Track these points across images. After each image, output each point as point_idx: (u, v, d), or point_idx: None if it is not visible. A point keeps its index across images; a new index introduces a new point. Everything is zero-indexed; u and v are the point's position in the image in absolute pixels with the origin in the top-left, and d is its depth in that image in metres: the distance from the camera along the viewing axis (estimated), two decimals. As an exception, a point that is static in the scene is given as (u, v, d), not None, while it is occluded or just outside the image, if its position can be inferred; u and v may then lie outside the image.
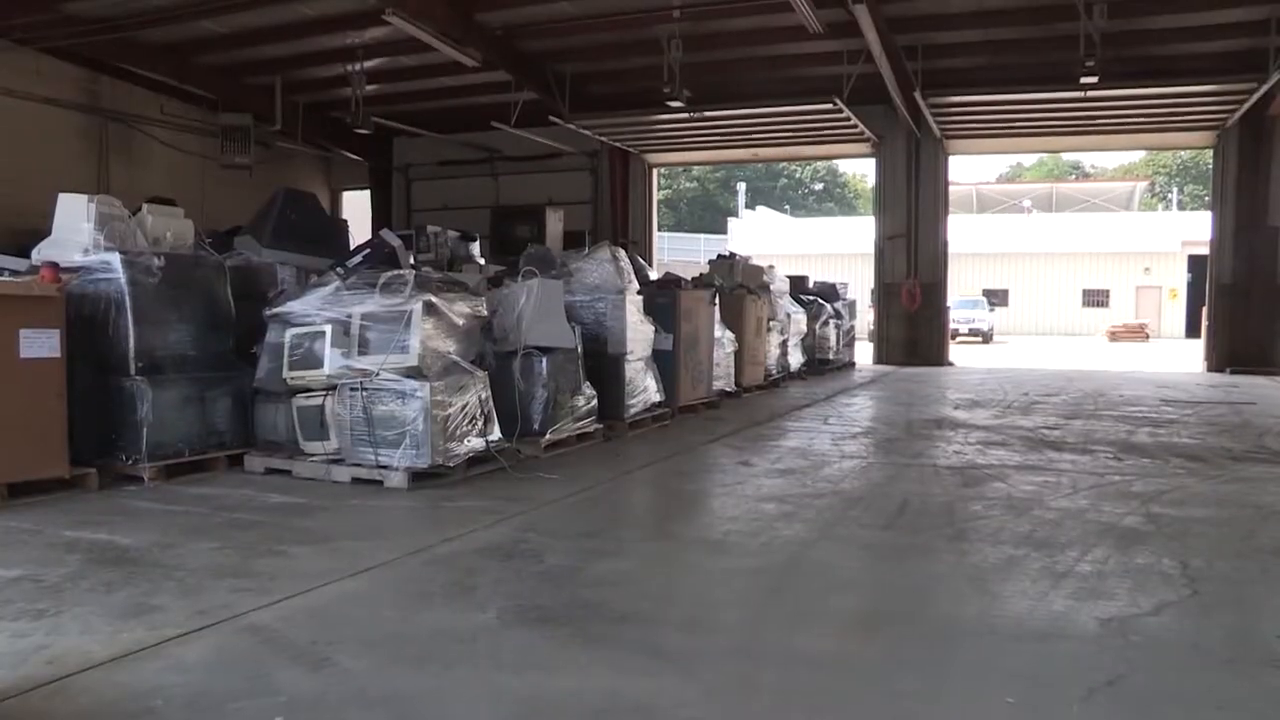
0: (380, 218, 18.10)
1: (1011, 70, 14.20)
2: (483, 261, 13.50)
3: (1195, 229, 32.30)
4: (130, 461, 6.68)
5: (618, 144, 17.39)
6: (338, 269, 7.61)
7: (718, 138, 17.26)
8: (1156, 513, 5.83)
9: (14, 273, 7.24)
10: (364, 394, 6.64)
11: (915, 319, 18.25)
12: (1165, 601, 4.15)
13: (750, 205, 50.78)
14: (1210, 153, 17.35)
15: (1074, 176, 61.98)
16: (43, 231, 7.70)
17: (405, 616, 3.97)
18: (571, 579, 4.48)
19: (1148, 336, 35.78)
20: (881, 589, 4.53)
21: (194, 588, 4.30)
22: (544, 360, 7.81)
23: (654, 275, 13.42)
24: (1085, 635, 3.77)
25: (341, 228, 10.76)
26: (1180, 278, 39.60)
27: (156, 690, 3.19)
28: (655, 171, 19.51)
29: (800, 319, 15.36)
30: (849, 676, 3.41)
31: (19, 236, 10.13)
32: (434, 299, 6.77)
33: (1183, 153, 54.60)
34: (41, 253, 7.23)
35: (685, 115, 14.43)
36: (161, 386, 6.80)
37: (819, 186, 61.49)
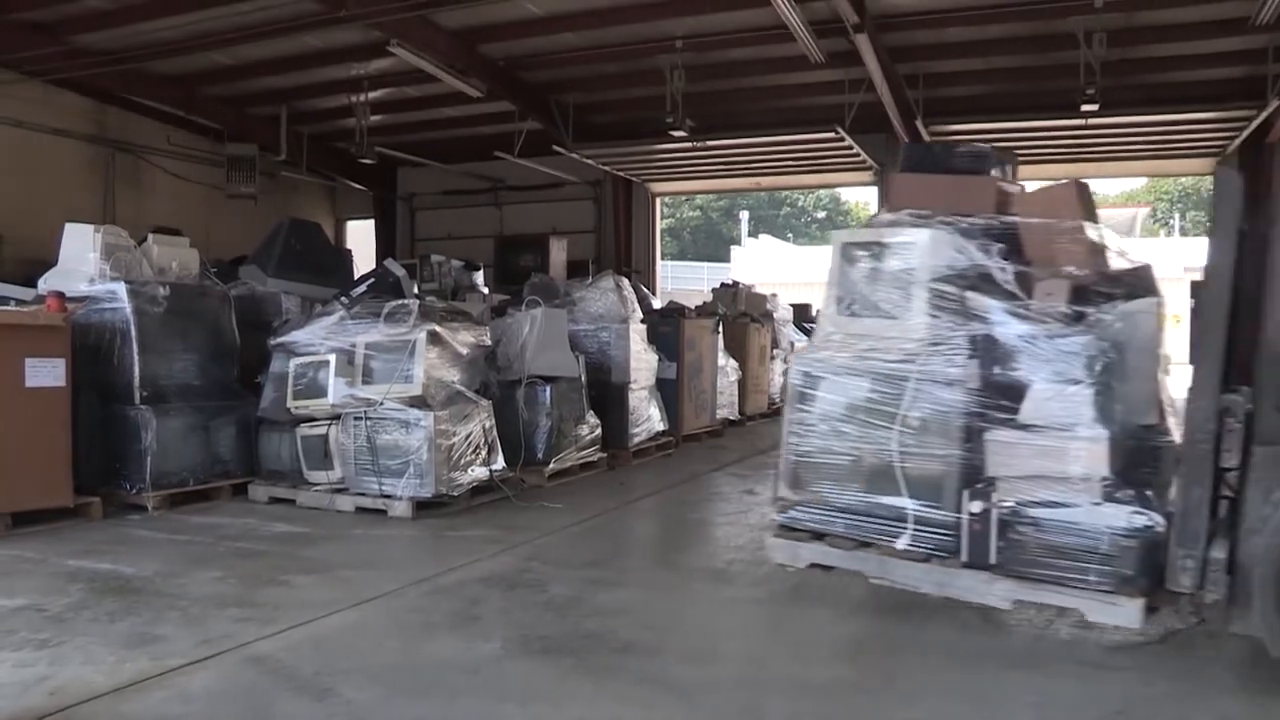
0: (384, 247, 18.15)
1: (1012, 98, 14.25)
2: (486, 290, 13.55)
3: (1197, 255, 32.29)
4: (134, 490, 6.68)
5: (621, 173, 17.45)
6: (342, 299, 7.64)
7: (720, 167, 17.31)
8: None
9: (21, 302, 7.27)
10: (368, 423, 6.65)
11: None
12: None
13: (753, 234, 50.90)
14: (1211, 179, 17.39)
15: (1076, 203, 62.01)
16: (50, 261, 7.74)
17: (409, 647, 3.96)
18: (575, 609, 4.47)
19: (1151, 363, 35.69)
20: (891, 614, 4.50)
21: (197, 617, 4.30)
22: (548, 389, 7.82)
23: (657, 304, 13.44)
24: (1093, 662, 3.76)
25: (346, 257, 10.80)
26: (1183, 303, 39.56)
27: (159, 721, 3.19)
28: (658, 200, 19.55)
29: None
30: (857, 704, 3.40)
31: (26, 266, 10.17)
32: (438, 328, 6.79)
33: (1184, 179, 54.73)
34: (48, 282, 7.27)
35: (688, 145, 14.48)
36: (166, 415, 6.81)
37: (822, 215, 61.61)
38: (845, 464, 4.36)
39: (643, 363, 9.27)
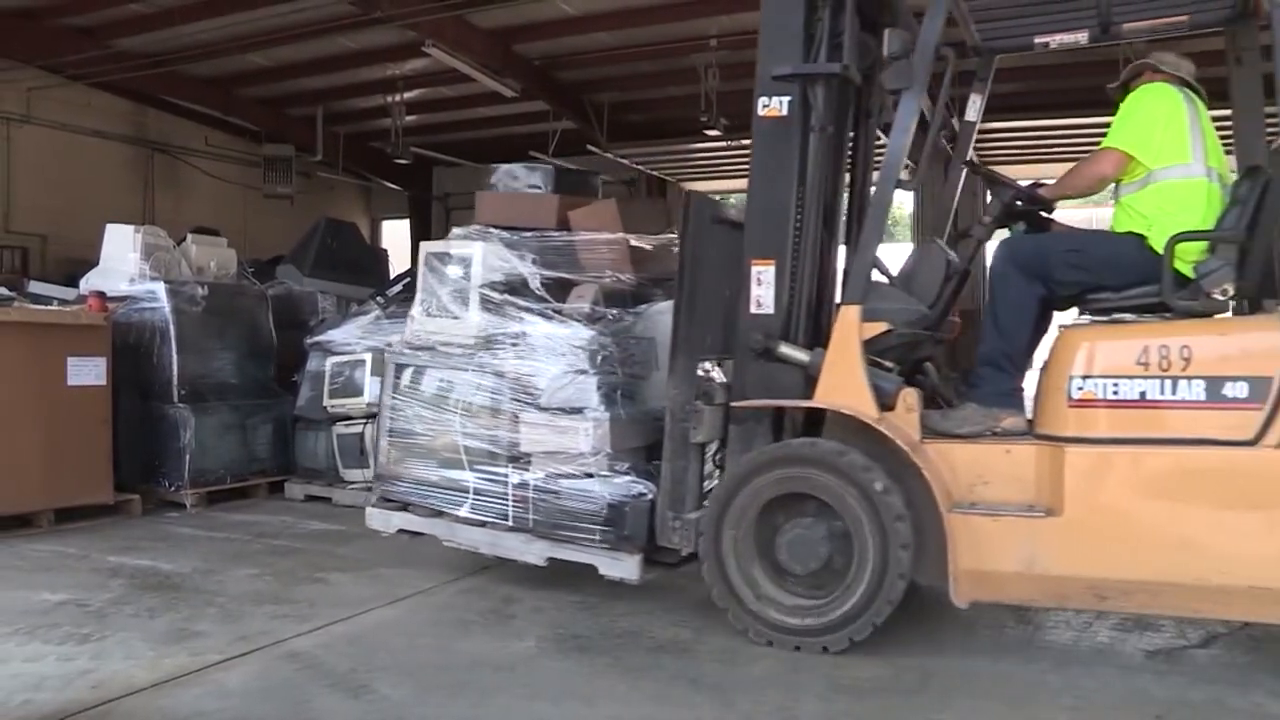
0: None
1: (1049, 95, 14.05)
2: (521, 290, 13.56)
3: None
4: (173, 488, 6.76)
5: (654, 173, 17.45)
6: (378, 298, 7.68)
7: (754, 165, 17.25)
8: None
9: (63, 302, 7.39)
10: (403, 421, 6.68)
11: (955, 347, 18.05)
12: (1214, 634, 4.07)
13: (787, 232, 50.75)
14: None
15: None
16: (91, 261, 7.85)
17: (444, 644, 3.98)
18: (609, 608, 4.47)
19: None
20: (926, 614, 4.46)
21: (235, 614, 4.34)
22: (581, 388, 7.82)
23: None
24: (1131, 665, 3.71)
25: (381, 257, 10.87)
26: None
27: (197, 715, 3.22)
28: (692, 199, 19.52)
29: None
30: (893, 704, 3.38)
31: (68, 266, 10.34)
32: (472, 327, 6.81)
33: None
34: (89, 282, 7.37)
35: (722, 144, 14.44)
36: (204, 414, 6.88)
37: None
38: (425, 443, 5.01)
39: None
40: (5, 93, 11.69)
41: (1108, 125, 4.32)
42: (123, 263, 7.36)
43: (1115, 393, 3.65)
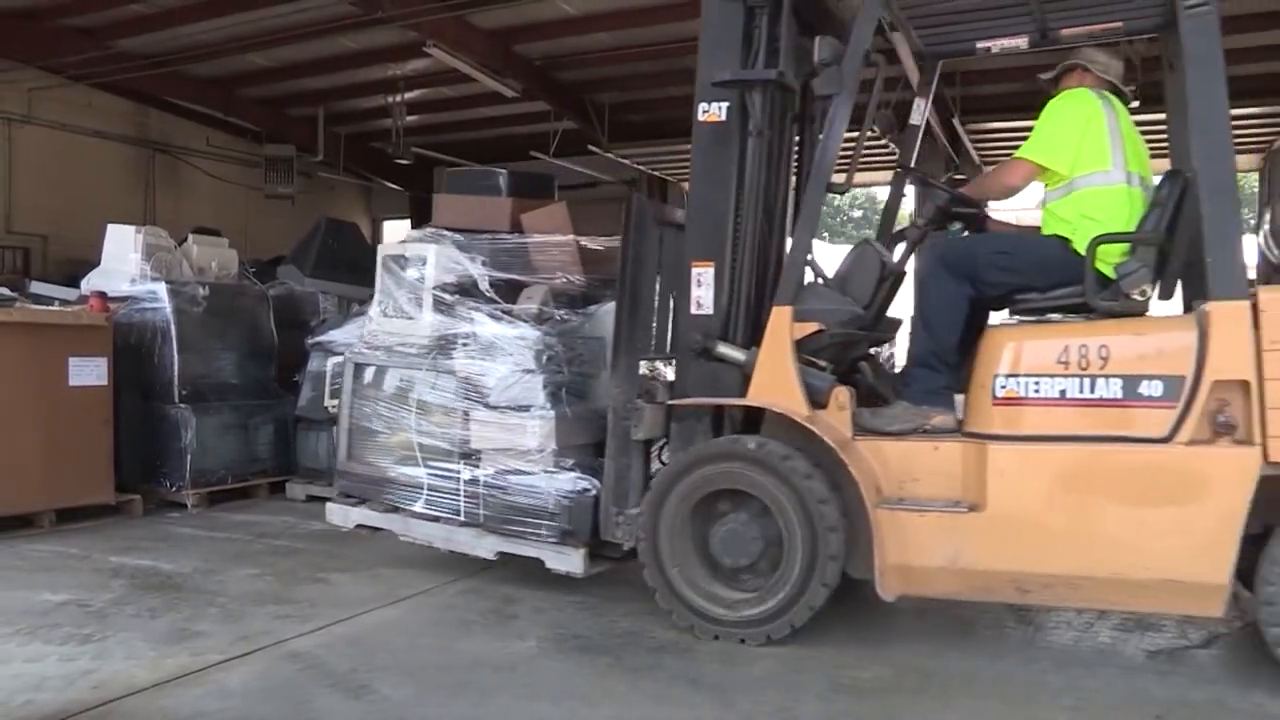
0: (420, 247, 18.20)
1: (1049, 95, 14.07)
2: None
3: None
4: (174, 488, 6.76)
5: (656, 173, 17.44)
6: (378, 298, 7.68)
7: (754, 165, 17.22)
8: None
9: (64, 302, 7.39)
10: (403, 421, 6.68)
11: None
12: None
13: (788, 232, 50.67)
14: (1255, 176, 17.06)
15: (1116, 201, 61.18)
16: (92, 261, 7.85)
17: (444, 644, 3.98)
18: (610, 608, 4.47)
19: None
20: (928, 615, 4.46)
21: (236, 614, 4.34)
22: (583, 387, 7.82)
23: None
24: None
25: (382, 257, 10.84)
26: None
27: (199, 716, 3.22)
28: (693, 199, 19.50)
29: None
30: (893, 704, 3.38)
31: (69, 266, 10.33)
32: (473, 327, 6.82)
33: (1227, 177, 53.73)
34: (91, 282, 7.37)
35: (722, 143, 14.46)
36: (205, 414, 6.88)
37: (858, 214, 61.22)
38: (382, 440, 5.17)
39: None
40: (6, 93, 11.69)
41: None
42: (124, 263, 7.35)
43: (1036, 391, 3.74)
